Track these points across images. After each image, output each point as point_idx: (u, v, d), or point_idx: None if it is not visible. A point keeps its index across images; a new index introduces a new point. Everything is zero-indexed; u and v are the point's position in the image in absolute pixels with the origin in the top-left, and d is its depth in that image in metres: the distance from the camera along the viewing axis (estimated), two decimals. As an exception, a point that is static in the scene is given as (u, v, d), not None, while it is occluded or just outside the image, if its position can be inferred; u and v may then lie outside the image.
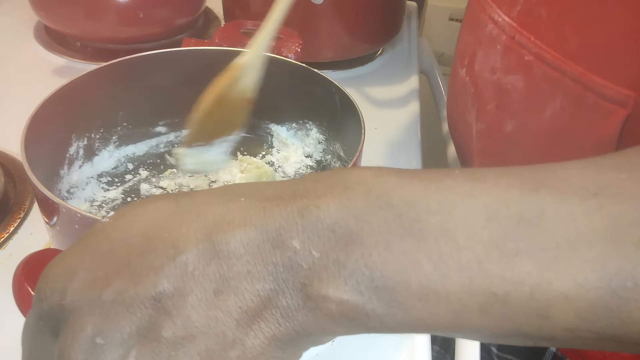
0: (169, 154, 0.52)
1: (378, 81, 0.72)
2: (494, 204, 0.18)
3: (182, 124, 0.53)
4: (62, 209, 0.32)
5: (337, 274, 0.18)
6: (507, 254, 0.17)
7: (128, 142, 0.51)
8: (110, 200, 0.46)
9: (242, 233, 0.18)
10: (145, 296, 0.18)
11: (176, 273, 0.18)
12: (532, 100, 0.38)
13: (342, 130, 0.48)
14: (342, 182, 0.19)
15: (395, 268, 0.18)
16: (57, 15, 0.66)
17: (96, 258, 0.19)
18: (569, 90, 0.35)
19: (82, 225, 0.32)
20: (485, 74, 0.42)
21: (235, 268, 0.18)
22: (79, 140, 0.46)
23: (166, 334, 0.18)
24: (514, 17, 0.38)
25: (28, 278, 0.26)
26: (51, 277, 0.19)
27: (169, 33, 0.72)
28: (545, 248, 0.17)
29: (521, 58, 0.38)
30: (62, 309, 0.19)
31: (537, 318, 0.18)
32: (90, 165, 0.48)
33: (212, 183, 0.49)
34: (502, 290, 0.17)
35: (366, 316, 0.18)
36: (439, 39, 0.90)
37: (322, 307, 0.18)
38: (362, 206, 0.18)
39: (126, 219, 0.20)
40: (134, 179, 0.49)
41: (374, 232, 0.18)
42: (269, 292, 0.18)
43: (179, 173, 0.50)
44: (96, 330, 0.18)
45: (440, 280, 0.18)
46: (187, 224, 0.19)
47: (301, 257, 0.18)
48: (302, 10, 0.65)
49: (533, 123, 0.39)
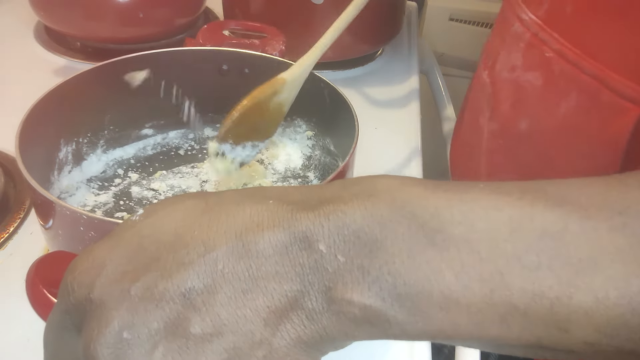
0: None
1: (378, 81, 0.72)
2: (517, 217, 0.18)
3: (169, 125, 0.53)
4: (67, 211, 0.32)
5: (361, 279, 0.18)
6: (529, 267, 0.18)
7: (115, 146, 0.51)
8: (102, 204, 0.46)
9: (270, 234, 0.19)
10: (174, 292, 0.18)
11: (206, 270, 0.18)
12: (548, 97, 0.39)
13: (331, 125, 0.48)
14: (368, 190, 0.20)
15: (417, 277, 0.18)
16: (57, 15, 0.67)
17: (126, 253, 0.19)
18: (585, 86, 0.35)
19: (86, 227, 0.32)
20: (504, 73, 0.43)
21: (264, 268, 0.18)
22: (67, 145, 0.46)
23: (194, 330, 0.18)
24: (540, 15, 0.39)
25: (42, 279, 0.27)
26: (79, 270, 0.19)
27: (169, 33, 0.72)
28: (567, 263, 0.18)
29: (542, 55, 0.38)
30: (89, 302, 0.19)
31: (557, 331, 0.18)
32: (80, 170, 0.47)
33: (203, 183, 0.49)
34: (522, 303, 0.18)
35: (387, 323, 0.18)
36: (439, 39, 0.90)
37: (346, 311, 0.18)
38: (387, 214, 0.19)
39: (157, 217, 0.20)
40: (124, 182, 0.49)
41: (397, 240, 0.18)
42: (295, 293, 0.18)
43: (169, 174, 0.50)
44: (123, 324, 0.18)
45: (462, 290, 0.18)
46: (216, 223, 0.19)
47: (327, 261, 0.18)
48: (302, 10, 0.65)
49: (547, 121, 0.39)
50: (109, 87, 0.47)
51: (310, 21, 0.66)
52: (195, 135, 0.54)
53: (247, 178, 0.49)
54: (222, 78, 0.51)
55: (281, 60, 0.48)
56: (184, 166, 0.51)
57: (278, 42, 0.51)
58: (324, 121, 0.49)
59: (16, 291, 0.41)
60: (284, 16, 0.66)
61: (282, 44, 0.51)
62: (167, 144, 0.53)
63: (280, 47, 0.50)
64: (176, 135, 0.54)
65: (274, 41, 0.51)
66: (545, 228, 0.18)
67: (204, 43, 0.51)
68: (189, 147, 0.53)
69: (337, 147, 0.48)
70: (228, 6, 0.71)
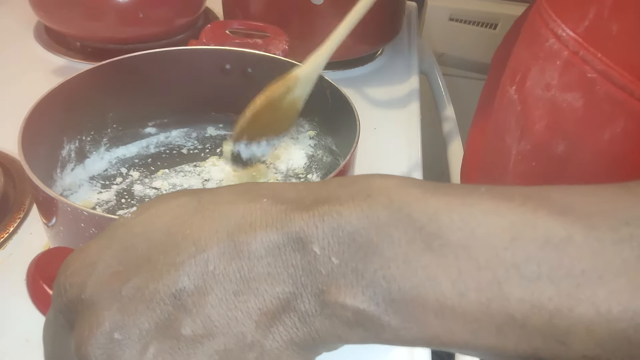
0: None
1: (378, 82, 0.72)
2: (519, 224, 0.18)
3: (172, 124, 0.53)
4: (68, 207, 0.32)
5: (355, 282, 0.18)
6: (528, 277, 0.17)
7: (118, 144, 0.51)
8: (104, 202, 0.46)
9: (263, 234, 0.18)
10: (165, 293, 0.18)
11: (197, 271, 0.18)
12: (590, 120, 0.36)
13: (333, 125, 0.48)
14: (365, 191, 0.19)
15: (412, 283, 0.18)
16: (57, 15, 0.66)
17: (117, 252, 0.19)
18: (635, 112, 0.33)
19: (87, 224, 0.32)
20: (537, 91, 0.40)
21: (256, 269, 0.18)
22: (70, 143, 0.46)
23: (185, 332, 0.18)
24: (580, 32, 0.36)
25: (42, 275, 0.27)
26: (70, 270, 0.19)
27: (169, 33, 0.72)
28: (569, 274, 0.17)
29: (583, 75, 0.36)
30: (81, 302, 0.18)
31: (555, 343, 0.17)
32: (82, 168, 0.48)
33: (205, 182, 0.49)
34: (520, 314, 0.17)
35: (381, 328, 0.18)
36: (439, 39, 0.90)
37: (339, 314, 0.18)
38: (384, 217, 0.18)
39: (148, 214, 0.20)
40: (126, 180, 0.49)
41: (393, 245, 0.18)
42: (288, 295, 0.18)
43: (171, 173, 0.50)
44: (114, 325, 0.18)
45: (458, 298, 0.17)
46: (209, 222, 0.19)
47: (320, 263, 0.18)
48: (302, 10, 0.65)
49: (588, 146, 0.37)
50: (112, 85, 0.47)
51: (310, 22, 0.66)
52: (198, 134, 0.54)
53: (248, 178, 0.49)
54: (225, 77, 0.51)
55: (284, 59, 0.48)
56: (187, 165, 0.51)
57: (281, 42, 0.51)
58: (326, 121, 0.49)
59: (16, 291, 0.41)
60: (283, 16, 0.66)
61: (285, 43, 0.51)
62: (169, 143, 0.53)
63: (284, 46, 0.50)
64: (179, 134, 0.54)
65: (277, 41, 0.51)
66: (548, 237, 0.17)
67: (207, 42, 0.51)
68: (191, 145, 0.53)
69: (339, 146, 0.48)
70: (228, 6, 0.71)
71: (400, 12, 0.75)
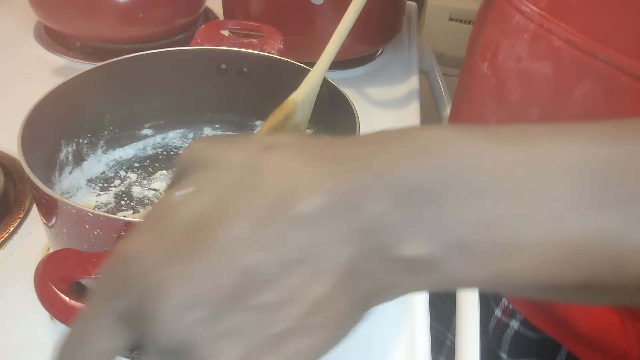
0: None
1: (378, 81, 0.71)
2: (573, 157, 0.19)
3: (168, 125, 0.53)
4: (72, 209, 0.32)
5: (416, 233, 0.18)
6: (590, 205, 0.18)
7: (115, 146, 0.51)
8: (103, 204, 0.46)
9: (320, 198, 0.18)
10: (234, 270, 0.18)
11: (265, 245, 0.18)
12: (560, 84, 0.39)
13: (331, 123, 0.48)
14: (417, 142, 0.19)
15: (474, 225, 0.18)
16: (57, 15, 0.67)
17: (174, 237, 0.19)
18: (599, 72, 0.36)
19: (92, 225, 0.32)
20: (509, 63, 0.43)
21: (317, 235, 0.18)
22: (68, 146, 0.46)
23: (261, 300, 0.18)
24: (542, 6, 0.39)
25: (50, 277, 0.27)
26: (130, 256, 0.19)
27: (169, 33, 0.72)
28: (630, 199, 0.18)
29: (550, 44, 0.39)
30: (148, 290, 0.18)
31: (611, 268, 0.18)
32: (80, 171, 0.48)
33: None
34: (580, 242, 0.18)
35: (444, 272, 0.19)
36: (439, 39, 0.90)
37: (403, 266, 0.19)
38: (440, 166, 0.19)
39: (199, 188, 0.19)
40: (125, 182, 0.49)
41: (452, 192, 0.18)
42: (351, 256, 0.18)
43: (169, 174, 0.50)
44: (188, 301, 0.18)
45: (519, 235, 0.18)
46: (269, 190, 0.19)
47: (379, 219, 0.18)
48: (302, 10, 0.65)
49: (560, 107, 0.39)
50: (109, 87, 0.47)
51: (310, 22, 0.66)
52: (195, 136, 0.54)
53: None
54: (220, 77, 0.51)
55: (280, 58, 0.48)
56: (184, 166, 0.51)
57: (276, 41, 0.51)
58: (324, 119, 0.49)
59: (16, 291, 0.41)
60: (283, 16, 0.66)
61: (280, 42, 0.51)
62: (166, 144, 0.53)
63: (279, 45, 0.50)
64: (176, 135, 0.54)
65: (272, 40, 0.51)
66: (609, 164, 0.18)
67: (202, 43, 0.51)
68: (188, 147, 0.53)
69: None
70: (228, 6, 0.71)
71: (400, 12, 0.75)
